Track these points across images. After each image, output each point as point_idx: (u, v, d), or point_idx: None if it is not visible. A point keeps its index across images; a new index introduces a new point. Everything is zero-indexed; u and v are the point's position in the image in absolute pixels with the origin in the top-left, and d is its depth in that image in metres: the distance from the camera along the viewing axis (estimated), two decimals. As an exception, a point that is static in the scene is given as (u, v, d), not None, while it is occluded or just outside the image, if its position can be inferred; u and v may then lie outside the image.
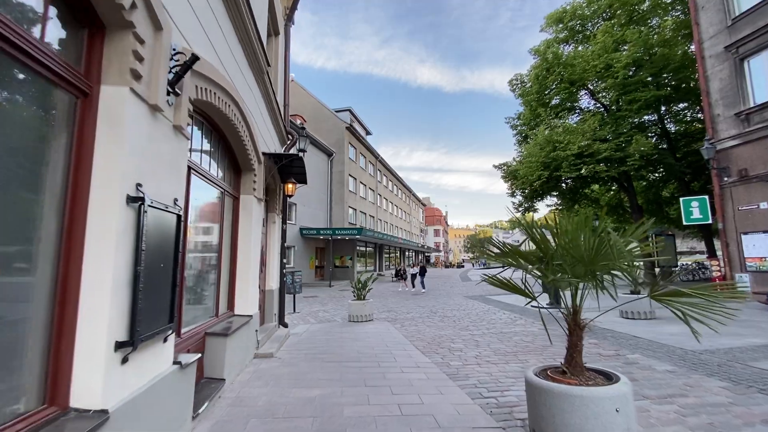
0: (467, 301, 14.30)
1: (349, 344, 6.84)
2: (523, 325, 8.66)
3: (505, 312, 10.84)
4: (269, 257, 7.61)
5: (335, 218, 28.08)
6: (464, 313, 10.99)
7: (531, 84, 18.34)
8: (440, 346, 6.65)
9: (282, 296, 8.01)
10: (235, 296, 5.29)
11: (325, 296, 17.56)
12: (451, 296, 16.38)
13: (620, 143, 14.94)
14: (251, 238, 5.50)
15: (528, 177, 16.08)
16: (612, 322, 8.55)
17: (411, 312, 11.58)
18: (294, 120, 24.78)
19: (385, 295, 17.31)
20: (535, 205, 20.94)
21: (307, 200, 24.64)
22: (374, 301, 13.57)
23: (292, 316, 11.62)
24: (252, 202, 5.57)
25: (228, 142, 4.98)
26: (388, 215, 41.60)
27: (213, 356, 4.08)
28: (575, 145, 14.54)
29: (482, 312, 11.03)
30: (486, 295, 16.44)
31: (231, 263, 5.31)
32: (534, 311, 10.92)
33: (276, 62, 8.00)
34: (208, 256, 4.65)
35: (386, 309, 12.46)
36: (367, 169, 34.85)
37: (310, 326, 9.35)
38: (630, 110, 15.16)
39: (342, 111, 31.20)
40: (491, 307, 12.19)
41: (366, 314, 10.00)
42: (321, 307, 13.86)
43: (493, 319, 9.69)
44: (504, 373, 5.05)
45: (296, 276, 13.01)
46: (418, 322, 9.69)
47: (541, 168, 15.72)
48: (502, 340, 7.01)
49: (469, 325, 8.91)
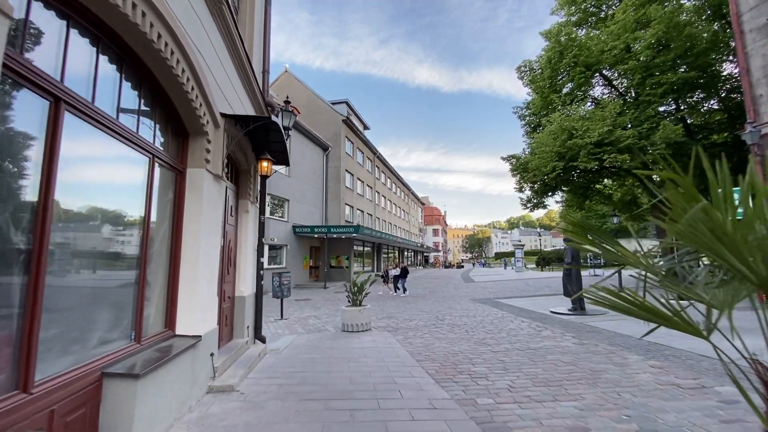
0: (475, 305, 12.81)
1: (340, 367, 5.33)
2: (552, 337, 7.16)
3: (523, 319, 9.36)
4: (241, 255, 6.09)
5: (331, 216, 26.56)
6: (476, 320, 9.50)
7: (542, 69, 16.85)
8: (458, 370, 5.14)
9: (258, 304, 6.49)
10: (176, 309, 3.77)
11: (318, 299, 16.04)
12: (456, 299, 14.89)
13: (643, 131, 13.50)
14: (202, 228, 3.98)
15: (541, 169, 14.59)
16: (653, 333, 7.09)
17: (414, 318, 10.08)
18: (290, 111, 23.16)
19: (384, 299, 15.80)
20: (545, 201, 19.51)
21: (300, 196, 23.10)
22: (372, 305, 12.12)
23: (278, 323, 10.09)
24: (204, 179, 4.05)
25: (161, 89, 3.46)
26: (386, 214, 40.09)
27: (114, 412, 2.56)
28: (595, 131, 13.07)
29: (497, 319, 9.54)
30: (494, 298, 14.97)
31: (170, 263, 3.79)
32: (556, 318, 9.45)
33: (251, 15, 6.48)
34: (119, 252, 3.12)
35: (385, 315, 10.96)
36: (365, 165, 33.33)
37: (295, 338, 7.82)
38: (654, 95, 13.72)
39: (338, 103, 29.65)
40: (505, 313, 10.70)
41: (362, 323, 8.49)
42: (312, 312, 12.34)
43: (513, 329, 8.20)
44: (560, 419, 3.53)
45: (284, 278, 11.49)
46: (424, 332, 8.19)
47: (556, 158, 14.25)
48: (535, 361, 5.51)
49: (486, 337, 7.41)
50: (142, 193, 3.29)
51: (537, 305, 12.21)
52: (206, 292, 4.12)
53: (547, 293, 16.14)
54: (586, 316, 9.48)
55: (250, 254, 6.28)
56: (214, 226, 4.36)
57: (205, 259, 4.08)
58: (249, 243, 6.26)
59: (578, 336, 7.19)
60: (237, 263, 6.02)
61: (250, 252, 6.29)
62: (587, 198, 19.60)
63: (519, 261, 36.68)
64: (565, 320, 9.13)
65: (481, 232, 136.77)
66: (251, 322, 6.26)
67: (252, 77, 6.22)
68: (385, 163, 39.68)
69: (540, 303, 12.77)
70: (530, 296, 15.35)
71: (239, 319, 5.88)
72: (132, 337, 3.09)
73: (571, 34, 15.97)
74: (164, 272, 3.72)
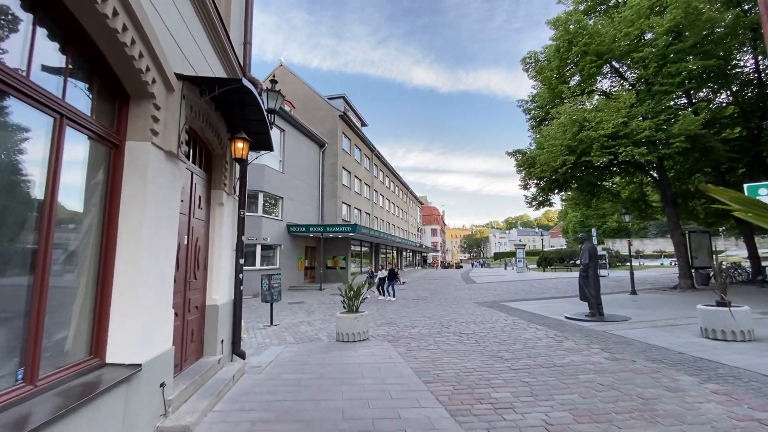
0: (482, 309, 11.88)
1: (332, 393, 4.37)
2: (577, 350, 6.23)
3: (537, 327, 8.42)
4: (214, 256, 5.11)
5: (327, 215, 25.58)
6: (485, 328, 8.56)
7: (550, 59, 15.91)
8: (475, 397, 4.20)
9: (237, 313, 5.53)
10: (106, 328, 2.80)
11: (313, 302, 15.06)
12: (459, 302, 13.96)
13: (659, 122, 12.61)
14: (147, 220, 3.01)
15: (550, 164, 13.65)
16: (692, 345, 6.15)
17: (416, 325, 9.14)
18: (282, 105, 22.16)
19: (382, 301, 14.84)
20: (551, 198, 18.61)
21: (295, 194, 22.11)
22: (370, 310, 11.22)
23: (267, 331, 9.12)
24: (150, 155, 3.08)
25: (76, 21, 2.49)
26: (384, 213, 39.14)
27: None
28: (609, 123, 12.16)
29: (508, 327, 8.60)
30: (500, 301, 14.05)
31: (99, 265, 2.82)
32: (575, 325, 8.52)
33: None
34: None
35: (384, 321, 10.00)
36: (363, 162, 32.37)
37: (282, 350, 6.86)
38: (671, 84, 12.82)
39: (335, 98, 28.67)
40: (516, 318, 9.77)
41: (359, 332, 7.54)
42: (306, 317, 11.37)
43: (529, 338, 7.26)
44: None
45: (274, 280, 10.53)
46: (429, 342, 7.24)
47: (566, 152, 13.34)
48: (567, 384, 4.56)
49: (501, 349, 6.47)
50: (42, 168, 2.32)
51: (548, 309, 11.29)
52: (154, 304, 3.15)
53: (555, 296, 15.23)
54: (607, 323, 8.56)
55: (226, 255, 5.31)
56: (167, 217, 3.39)
57: (152, 260, 3.11)
58: (225, 241, 5.29)
59: (607, 348, 6.26)
60: (209, 265, 5.04)
61: (226, 252, 5.32)
62: (595, 196, 18.72)
63: (520, 261, 35.81)
64: (586, 328, 8.20)
65: (479, 232, 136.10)
66: (227, 336, 5.29)
67: (228, 46, 5.26)
68: (384, 161, 38.73)
69: (551, 307, 11.86)
70: (538, 299, 14.44)
71: (211, 333, 4.91)
72: (20, 376, 2.12)
73: (581, 22, 15.06)
74: (88, 278, 2.75)
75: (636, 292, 14.79)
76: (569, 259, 39.76)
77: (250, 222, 18.22)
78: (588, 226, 79.92)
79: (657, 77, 13.33)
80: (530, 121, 18.77)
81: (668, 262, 39.99)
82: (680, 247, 15.21)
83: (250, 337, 8.58)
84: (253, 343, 7.99)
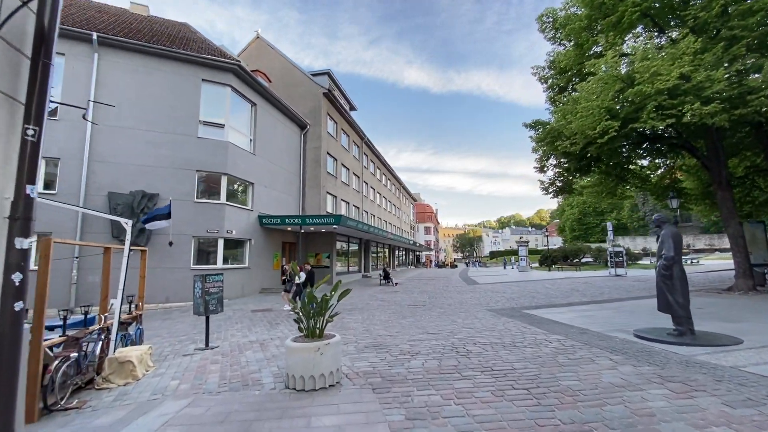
0: (501, 320, 8.82)
1: None
2: (727, 417, 3.16)
3: (610, 356, 5.35)
4: None
5: (309, 206, 22.34)
6: (523, 356, 5.46)
7: (578, 5, 12.85)
8: None
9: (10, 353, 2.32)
10: None
11: (281, 311, 11.82)
12: (468, 310, 10.88)
13: (732, 74, 9.69)
14: None
15: (585, 132, 10.62)
16: None
17: (417, 349, 6.01)
18: (255, 75, 18.98)
19: (371, 308, 11.69)
20: (573, 181, 15.65)
21: (270, 180, 18.82)
22: (351, 320, 8.01)
23: (190, 360, 5.89)
24: None
25: None
26: (376, 207, 35.95)
27: None
28: (672, 73, 9.18)
29: (559, 354, 5.52)
30: (519, 308, 11.00)
31: None
32: (668, 354, 5.46)
33: None
34: None
35: (370, 341, 6.86)
36: (351, 150, 29.14)
37: (172, 418, 3.66)
38: (745, 27, 9.89)
39: (319, 74, 25.38)
40: (559, 337, 6.70)
41: (324, 373, 4.38)
42: (264, 333, 8.17)
43: (616, 384, 4.19)
44: None
45: (211, 283, 7.32)
46: (443, 387, 4.15)
47: (607, 116, 10.34)
48: None
49: (586, 416, 3.38)
50: None
51: (594, 321, 8.27)
52: None
53: (584, 300, 12.24)
54: (711, 349, 5.54)
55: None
56: None
57: None
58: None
59: (758, 405, 3.23)
60: None
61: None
62: (623, 180, 15.78)
63: (523, 260, 32.94)
64: (686, 357, 5.17)
65: (472, 232, 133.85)
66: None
67: None
68: (375, 151, 35.54)
69: (595, 318, 8.84)
70: (566, 305, 11.43)
71: None
72: None
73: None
74: None
75: (687, 295, 11.87)
76: (573, 257, 37.05)
77: (210, 211, 14.92)
78: (586, 224, 77.93)
79: (720, 21, 10.38)
80: (548, 91, 15.76)
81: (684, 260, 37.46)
82: (737, 240, 12.31)
83: (154, 374, 5.36)
84: (147, 388, 4.78)
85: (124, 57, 14.16)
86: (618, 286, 16.71)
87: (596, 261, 36.67)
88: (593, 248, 39.14)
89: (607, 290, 15.01)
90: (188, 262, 14.25)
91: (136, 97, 14.15)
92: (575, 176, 15.02)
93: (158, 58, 14.66)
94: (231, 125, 15.96)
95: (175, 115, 14.68)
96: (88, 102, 12.72)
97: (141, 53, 14.38)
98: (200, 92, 15.26)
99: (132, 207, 13.57)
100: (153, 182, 14.02)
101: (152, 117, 14.28)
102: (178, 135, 14.62)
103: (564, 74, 14.55)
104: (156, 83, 14.54)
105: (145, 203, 13.81)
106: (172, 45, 15.11)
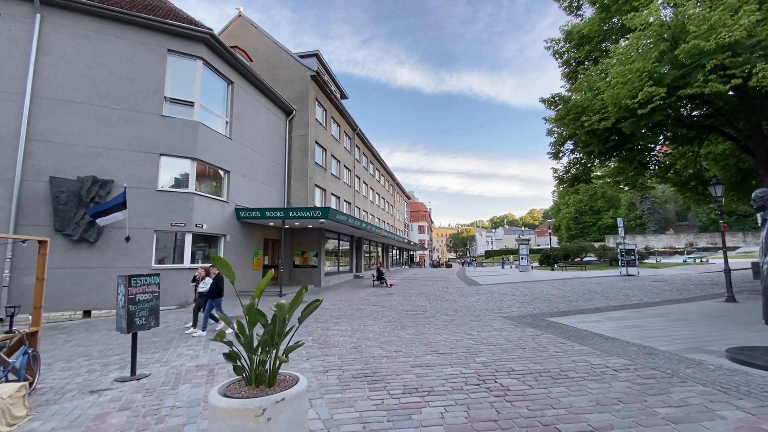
0: (523, 331, 6.95)
1: None
2: None
3: (704, 391, 3.48)
4: None
5: (296, 199, 20.29)
6: (572, 389, 3.57)
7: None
8: None
9: None
10: None
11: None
12: (479, 317, 9.00)
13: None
14: None
15: (621, 102, 8.74)
16: None
17: (426, 380, 4.08)
18: (234, 52, 16.85)
19: (362, 315, 9.73)
20: (593, 169, 13.87)
21: (249, 168, 16.74)
22: (334, 339, 6.01)
23: (78, 409, 3.83)
24: None
25: None
26: (368, 204, 33.97)
27: None
28: (735, 25, 7.39)
29: (633, 392, 3.64)
30: (540, 315, 9.14)
31: None
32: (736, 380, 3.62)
33: None
34: None
35: (361, 364, 4.91)
36: (342, 141, 27.13)
37: None
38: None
39: (307, 56, 23.35)
40: (624, 361, 4.83)
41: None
42: (218, 355, 6.13)
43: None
44: None
45: (139, 287, 5.29)
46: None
47: (649, 82, 8.53)
48: None
49: None
50: None
51: (648, 334, 6.43)
52: None
53: (614, 305, 10.43)
54: None
55: None
56: None
57: None
58: None
59: None
60: None
61: None
62: (646, 168, 14.04)
63: (524, 259, 31.23)
64: None
65: (465, 231, 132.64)
66: None
67: None
68: (368, 144, 33.57)
69: (643, 327, 7.01)
70: (595, 310, 9.61)
71: None
72: None
73: None
74: None
75: (735, 297, 10.15)
76: (575, 256, 35.46)
77: (176, 201, 12.83)
78: (582, 222, 76.79)
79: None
80: (562, 67, 13.95)
81: (691, 259, 36.08)
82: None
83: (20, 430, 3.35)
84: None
85: (73, 19, 12.00)
86: (638, 287, 14.99)
87: (600, 260, 35.14)
88: (596, 246, 37.64)
89: (630, 292, 13.25)
90: (148, 261, 12.14)
91: (87, 67, 12.01)
92: (594, 163, 13.22)
93: (115, 23, 12.53)
94: (202, 104, 13.87)
95: (135, 89, 12.56)
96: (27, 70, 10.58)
97: (93, 16, 12.23)
98: (166, 64, 13.15)
99: (80, 195, 11.41)
100: (106, 167, 11.88)
101: (106, 90, 12.14)
102: (138, 112, 12.50)
103: (583, 47, 12.74)
104: (111, 52, 12.41)
105: (96, 191, 11.65)
106: (132, 9, 12.99)
